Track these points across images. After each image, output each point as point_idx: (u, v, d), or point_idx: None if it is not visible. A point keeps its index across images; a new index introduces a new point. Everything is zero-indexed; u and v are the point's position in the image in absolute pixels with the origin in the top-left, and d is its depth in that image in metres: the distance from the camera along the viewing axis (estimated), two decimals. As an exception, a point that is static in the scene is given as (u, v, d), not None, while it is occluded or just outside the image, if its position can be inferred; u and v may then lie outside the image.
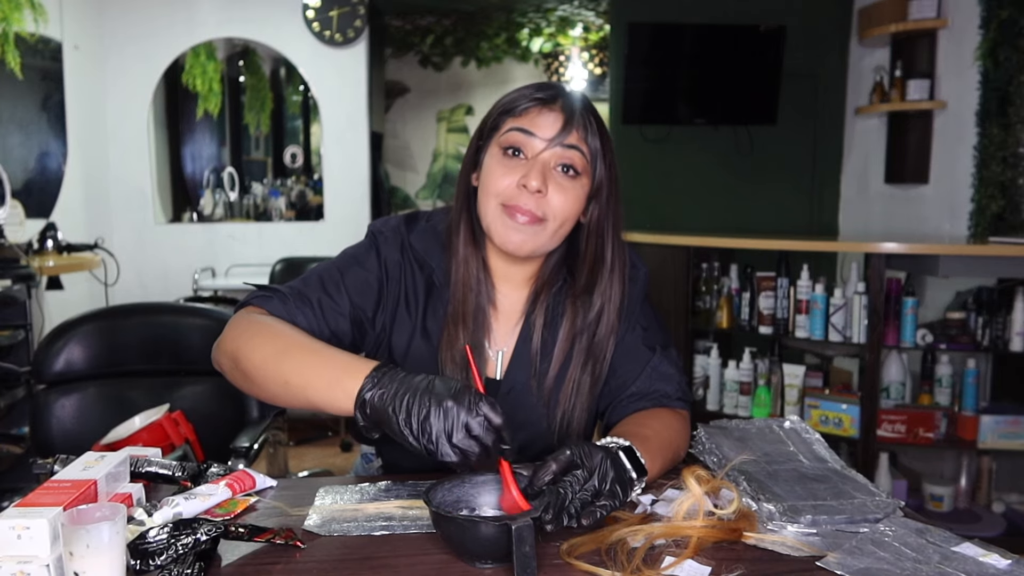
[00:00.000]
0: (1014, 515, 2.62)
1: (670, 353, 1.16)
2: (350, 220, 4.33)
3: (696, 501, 0.85)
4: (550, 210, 1.02)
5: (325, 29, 4.27)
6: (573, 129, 1.01)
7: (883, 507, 0.89)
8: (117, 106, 4.22)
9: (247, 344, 0.97)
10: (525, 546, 0.71)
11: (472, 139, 1.10)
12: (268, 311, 1.03)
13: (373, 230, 1.14)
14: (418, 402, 0.79)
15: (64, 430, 1.58)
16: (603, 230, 1.07)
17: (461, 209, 1.10)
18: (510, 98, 1.04)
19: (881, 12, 3.55)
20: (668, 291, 3.06)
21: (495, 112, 1.06)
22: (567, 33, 6.21)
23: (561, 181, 1.02)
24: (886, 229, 3.70)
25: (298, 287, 1.06)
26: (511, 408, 1.09)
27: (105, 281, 3.30)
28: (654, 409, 1.10)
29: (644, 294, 1.18)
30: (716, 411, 2.91)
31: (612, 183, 1.06)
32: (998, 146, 2.99)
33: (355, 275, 1.08)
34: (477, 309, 1.09)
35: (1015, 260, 2.47)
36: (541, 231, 1.03)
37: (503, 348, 1.13)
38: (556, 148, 1.01)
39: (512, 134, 1.02)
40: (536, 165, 1.01)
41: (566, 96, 1.04)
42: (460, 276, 1.09)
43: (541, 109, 1.02)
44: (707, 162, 4.02)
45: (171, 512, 0.85)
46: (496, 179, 1.03)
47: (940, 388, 2.65)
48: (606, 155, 1.04)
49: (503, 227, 1.03)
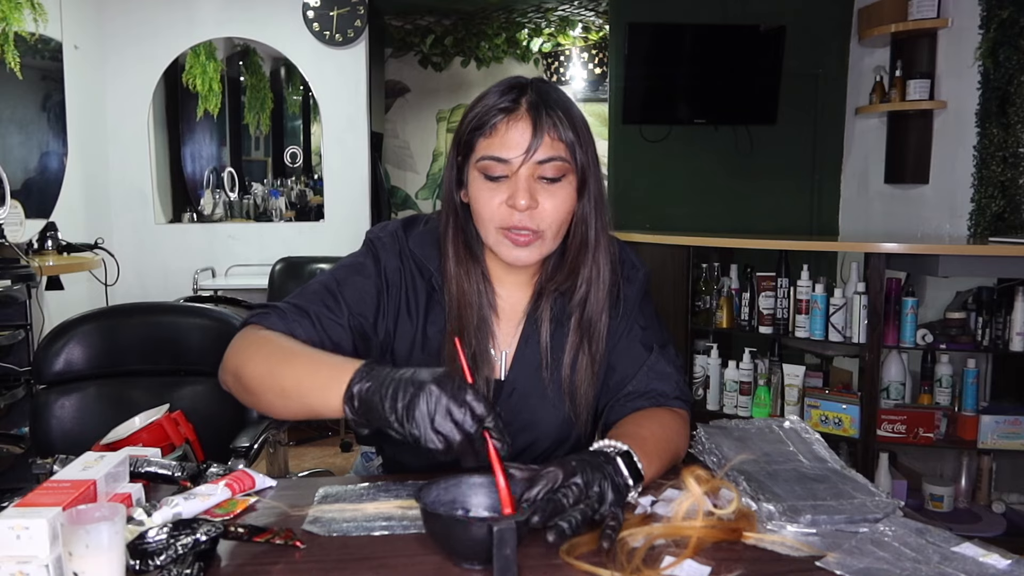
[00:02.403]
0: (1014, 515, 2.62)
1: (668, 352, 1.16)
2: (350, 220, 4.33)
3: (696, 501, 0.85)
4: (545, 220, 1.03)
5: (325, 29, 4.27)
6: (544, 133, 1.00)
7: (883, 507, 0.89)
8: (117, 106, 4.22)
9: (246, 359, 0.98)
10: (506, 548, 0.71)
11: (450, 154, 1.09)
12: (267, 327, 1.03)
13: (371, 237, 1.13)
14: (403, 388, 0.79)
15: (64, 430, 1.58)
16: (587, 215, 1.08)
17: (450, 225, 1.09)
18: (477, 113, 1.03)
19: (881, 12, 3.55)
20: (668, 291, 3.06)
21: (466, 130, 1.05)
22: (567, 33, 6.21)
23: (548, 188, 1.03)
24: (886, 229, 3.70)
25: (295, 301, 1.06)
26: (517, 409, 1.09)
27: (105, 281, 3.30)
28: (652, 409, 1.10)
29: (643, 294, 1.18)
30: (716, 411, 2.91)
31: (593, 164, 1.06)
32: (998, 146, 2.99)
33: (353, 284, 1.08)
34: (480, 320, 1.09)
35: (1015, 260, 2.46)
36: (542, 243, 1.04)
37: (506, 349, 1.13)
38: (532, 163, 1.01)
39: (486, 163, 1.02)
40: (519, 182, 1.01)
41: (529, 95, 1.02)
42: (456, 291, 1.09)
43: (508, 120, 1.01)
44: (707, 162, 4.02)
45: (171, 512, 0.84)
46: (485, 204, 1.03)
47: (940, 388, 2.65)
48: (582, 141, 1.04)
49: (507, 249, 1.04)
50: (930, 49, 3.36)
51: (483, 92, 1.05)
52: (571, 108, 1.04)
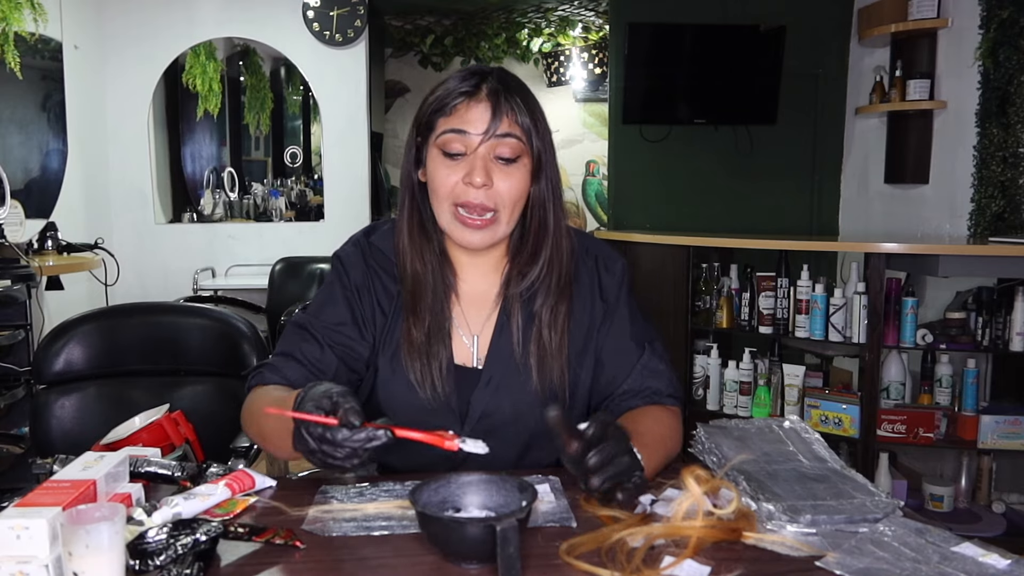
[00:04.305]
0: (1014, 515, 2.62)
1: (657, 348, 1.17)
2: (350, 220, 4.33)
3: (695, 501, 0.85)
4: (499, 199, 1.06)
5: (325, 29, 4.27)
6: (503, 116, 1.04)
7: (883, 507, 0.89)
8: (117, 106, 4.22)
9: (254, 426, 1.05)
10: (510, 547, 0.71)
11: (410, 135, 1.12)
12: (266, 384, 1.08)
13: (337, 255, 1.17)
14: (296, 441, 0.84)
15: (64, 430, 1.58)
16: (544, 199, 1.10)
17: (406, 202, 1.13)
18: (438, 96, 1.07)
19: (881, 12, 3.55)
20: (668, 291, 3.06)
21: (427, 111, 1.08)
22: (567, 33, 6.21)
23: (504, 168, 1.05)
24: (886, 229, 3.70)
25: (280, 350, 1.12)
26: (496, 402, 1.10)
27: (105, 281, 3.30)
28: (647, 407, 1.12)
29: (623, 286, 1.18)
30: (716, 411, 2.91)
31: (548, 151, 1.09)
32: (998, 146, 2.99)
33: (325, 310, 1.13)
34: (435, 299, 1.11)
35: (1015, 260, 2.46)
36: (496, 226, 1.07)
37: (478, 334, 1.14)
38: (491, 140, 1.04)
39: (447, 136, 1.05)
40: (476, 160, 1.04)
41: (490, 82, 1.06)
42: (410, 268, 1.11)
43: (469, 103, 1.04)
44: (707, 162, 4.01)
45: (170, 512, 0.84)
46: (442, 181, 1.06)
47: (940, 388, 2.65)
48: (539, 128, 1.07)
49: (460, 231, 1.07)
50: (930, 49, 3.36)
51: (443, 79, 1.09)
52: (529, 97, 1.08)
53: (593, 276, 1.16)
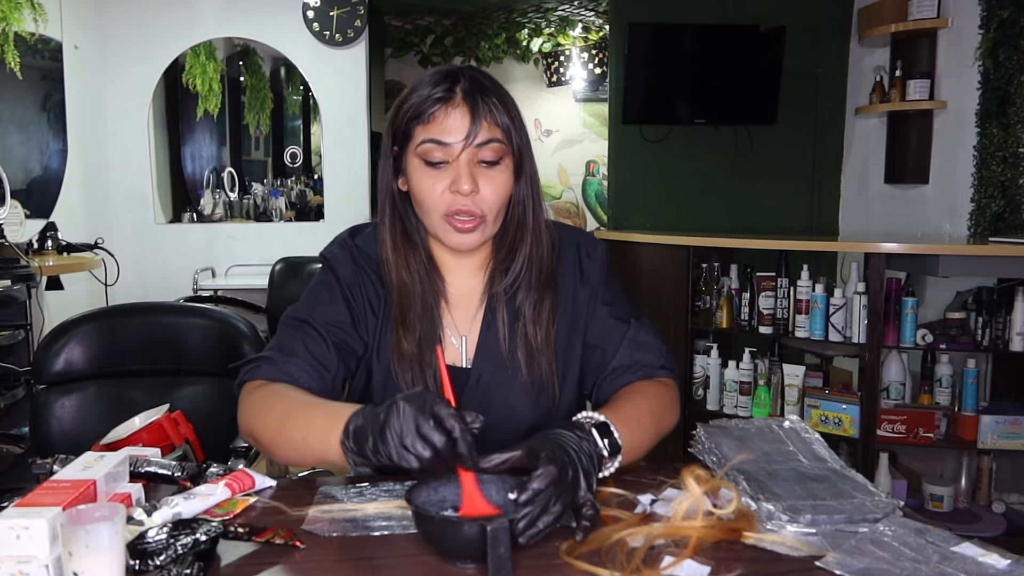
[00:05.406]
0: (1014, 515, 2.62)
1: (644, 322, 1.17)
2: (350, 220, 4.25)
3: (695, 501, 0.85)
4: (486, 204, 1.05)
5: (325, 29, 4.27)
6: (482, 119, 1.02)
7: (882, 507, 0.89)
8: (117, 106, 4.22)
9: (257, 420, 1.01)
10: (500, 547, 0.71)
11: (384, 144, 1.11)
12: (264, 379, 1.05)
13: (324, 254, 1.16)
14: (384, 413, 0.81)
15: (64, 430, 1.58)
16: (524, 197, 1.11)
17: (387, 212, 1.12)
18: (413, 103, 1.04)
19: (881, 12, 3.55)
20: (668, 291, 3.06)
21: (403, 119, 1.06)
22: (567, 33, 6.21)
23: (488, 172, 1.05)
24: (886, 229, 3.70)
25: (278, 344, 1.08)
26: (487, 399, 1.10)
27: (105, 281, 3.30)
28: (638, 383, 1.11)
29: (606, 270, 1.18)
30: (716, 411, 2.91)
31: (527, 146, 1.09)
32: (998, 146, 2.99)
33: (323, 305, 1.11)
34: (424, 308, 1.10)
35: (1015, 260, 2.46)
36: (484, 227, 1.07)
37: (465, 334, 1.14)
38: (472, 148, 1.03)
39: (427, 146, 1.03)
40: (460, 167, 1.03)
41: (463, 83, 1.04)
42: (396, 279, 1.10)
43: (446, 108, 1.03)
44: (707, 162, 4.01)
45: (170, 512, 0.84)
46: (427, 191, 1.05)
47: (940, 388, 2.65)
48: (516, 124, 1.07)
49: (451, 235, 1.07)
50: (930, 49, 3.36)
51: (414, 83, 1.06)
52: (503, 93, 1.07)
53: (575, 266, 1.17)
